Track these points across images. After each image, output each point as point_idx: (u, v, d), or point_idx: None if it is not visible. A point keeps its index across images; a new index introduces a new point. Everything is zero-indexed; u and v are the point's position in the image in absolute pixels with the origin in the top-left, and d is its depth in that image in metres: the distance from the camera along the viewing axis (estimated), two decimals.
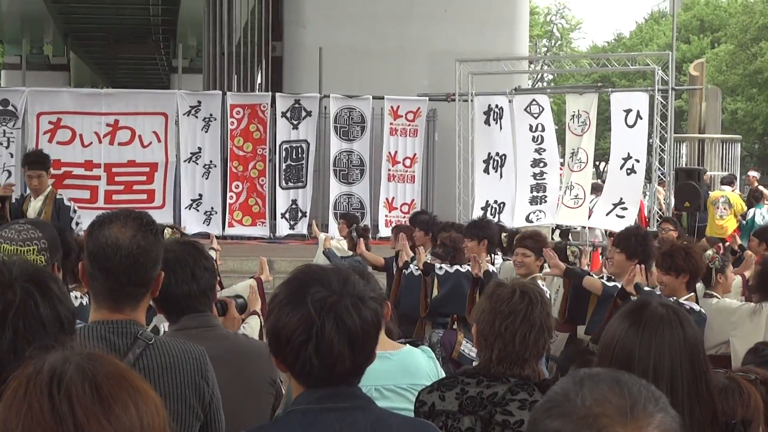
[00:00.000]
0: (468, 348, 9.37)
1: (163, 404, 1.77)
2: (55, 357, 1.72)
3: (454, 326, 9.90)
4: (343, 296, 2.67)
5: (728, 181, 22.26)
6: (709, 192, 21.38)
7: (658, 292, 7.49)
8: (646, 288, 7.63)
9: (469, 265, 9.77)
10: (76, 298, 6.06)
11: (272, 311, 2.70)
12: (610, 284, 8.26)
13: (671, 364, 2.97)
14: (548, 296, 8.54)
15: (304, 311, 2.63)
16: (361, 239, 12.43)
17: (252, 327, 6.03)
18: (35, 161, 10.99)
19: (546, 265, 9.32)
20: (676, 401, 2.87)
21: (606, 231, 20.26)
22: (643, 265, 7.81)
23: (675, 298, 7.20)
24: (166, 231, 9.44)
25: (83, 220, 10.28)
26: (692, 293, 7.51)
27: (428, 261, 10.14)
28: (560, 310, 8.88)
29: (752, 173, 24.82)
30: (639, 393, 1.69)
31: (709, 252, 8.33)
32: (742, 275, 9.72)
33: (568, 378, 1.75)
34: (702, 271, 7.79)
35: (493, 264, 10.30)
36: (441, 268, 9.89)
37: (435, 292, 9.83)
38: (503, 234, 11.26)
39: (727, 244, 13.21)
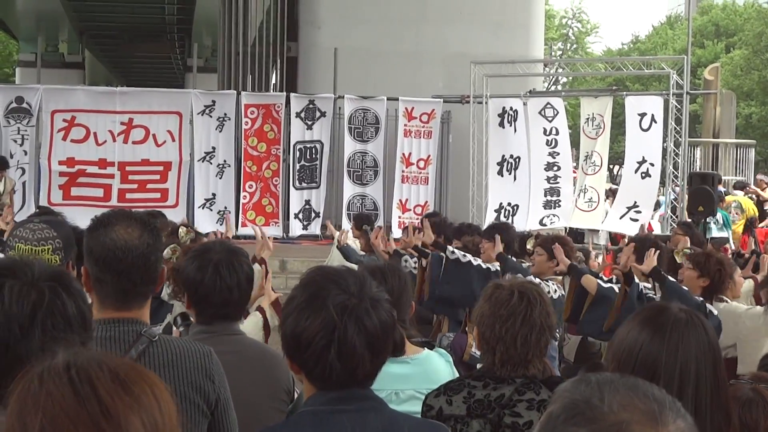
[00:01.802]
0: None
1: (173, 395, 1.78)
2: (66, 352, 1.72)
3: (466, 328, 9.83)
4: (362, 299, 2.66)
5: (740, 186, 22.22)
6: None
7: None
8: (670, 278, 7.53)
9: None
10: None
11: (290, 315, 2.68)
12: (606, 285, 8.19)
13: (697, 369, 2.95)
14: (558, 295, 8.53)
15: (325, 315, 2.61)
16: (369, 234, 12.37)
17: (254, 322, 5.92)
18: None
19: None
20: (699, 407, 2.87)
21: (610, 234, 20.32)
22: (658, 250, 7.79)
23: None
24: (180, 230, 9.43)
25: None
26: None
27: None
28: (565, 307, 8.87)
29: (761, 176, 24.67)
30: (662, 398, 1.67)
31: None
32: (754, 278, 9.67)
33: (579, 383, 1.71)
34: (724, 288, 7.81)
35: None
36: (453, 252, 9.57)
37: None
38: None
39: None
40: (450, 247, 9.57)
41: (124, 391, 1.66)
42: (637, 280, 7.64)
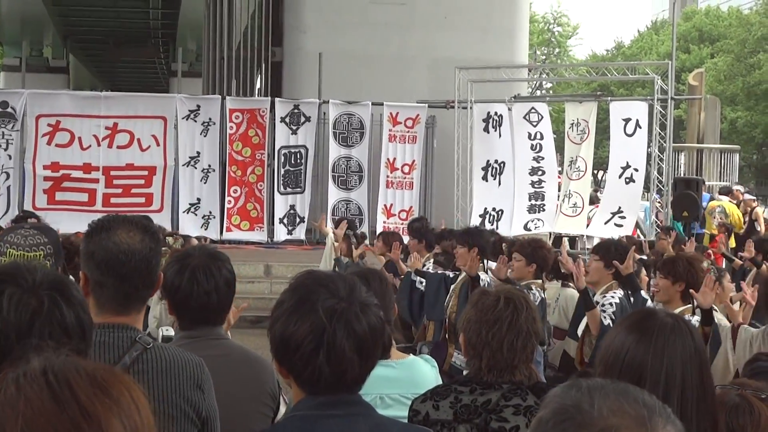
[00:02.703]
0: (460, 360, 9.26)
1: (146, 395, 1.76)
2: (39, 358, 1.70)
3: (446, 336, 9.81)
4: (351, 303, 2.65)
5: (725, 191, 22.27)
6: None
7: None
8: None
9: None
10: None
11: (278, 319, 2.67)
12: (606, 323, 8.10)
13: (683, 374, 2.95)
14: (545, 302, 8.51)
15: (314, 319, 2.60)
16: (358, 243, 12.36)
17: None
18: None
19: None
20: (685, 412, 2.88)
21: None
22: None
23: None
24: (168, 239, 9.40)
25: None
26: (689, 305, 7.41)
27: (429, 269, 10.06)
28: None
29: (737, 187, 24.71)
30: (652, 403, 1.67)
31: (705, 263, 8.29)
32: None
33: (570, 389, 1.71)
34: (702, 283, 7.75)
35: (486, 272, 10.23)
36: (421, 282, 9.65)
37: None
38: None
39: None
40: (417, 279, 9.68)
41: (104, 394, 1.64)
42: (645, 295, 7.62)
